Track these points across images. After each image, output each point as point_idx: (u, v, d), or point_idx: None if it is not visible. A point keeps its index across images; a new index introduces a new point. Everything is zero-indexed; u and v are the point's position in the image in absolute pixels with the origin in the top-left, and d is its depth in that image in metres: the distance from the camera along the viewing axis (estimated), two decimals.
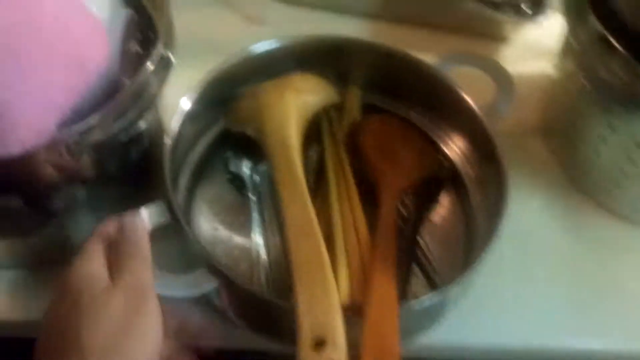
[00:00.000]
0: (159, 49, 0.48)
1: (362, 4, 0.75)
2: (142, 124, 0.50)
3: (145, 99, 0.47)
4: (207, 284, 0.46)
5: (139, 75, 0.46)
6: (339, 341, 0.41)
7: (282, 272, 0.53)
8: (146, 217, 0.46)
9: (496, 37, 0.75)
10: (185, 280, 0.46)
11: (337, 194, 0.54)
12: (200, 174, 0.59)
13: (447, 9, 0.74)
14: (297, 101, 0.55)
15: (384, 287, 0.47)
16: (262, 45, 0.58)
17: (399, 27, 0.76)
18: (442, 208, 0.60)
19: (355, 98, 0.63)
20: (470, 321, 0.53)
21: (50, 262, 0.49)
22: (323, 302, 0.43)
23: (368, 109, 0.63)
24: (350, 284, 0.47)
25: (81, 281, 0.38)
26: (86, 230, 0.44)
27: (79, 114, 0.43)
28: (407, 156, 0.59)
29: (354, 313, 0.45)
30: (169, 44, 0.50)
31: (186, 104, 0.53)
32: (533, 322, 0.55)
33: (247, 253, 0.55)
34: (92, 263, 0.40)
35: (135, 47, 0.51)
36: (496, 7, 0.73)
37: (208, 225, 0.57)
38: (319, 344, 0.41)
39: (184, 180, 0.57)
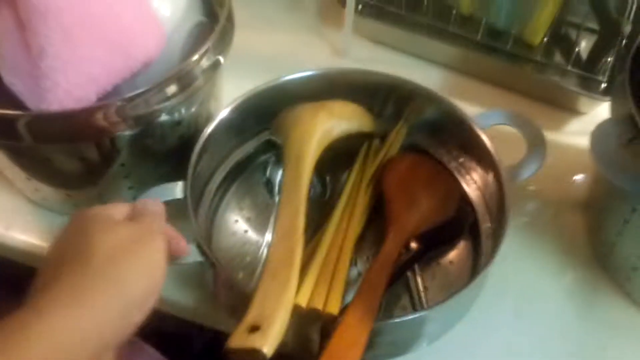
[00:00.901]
0: (209, 48, 0.55)
1: (443, 56, 0.79)
2: (184, 111, 0.57)
3: (186, 86, 0.53)
4: (191, 257, 0.52)
5: (184, 65, 0.53)
6: (270, 332, 0.44)
7: None
8: (166, 190, 0.54)
9: (567, 108, 0.75)
10: None
11: (341, 215, 0.58)
12: (240, 173, 0.65)
13: (524, 75, 0.75)
14: (327, 122, 0.59)
15: (359, 316, 0.48)
16: (317, 71, 0.64)
17: (474, 82, 0.78)
18: (456, 252, 0.62)
19: (399, 135, 0.66)
20: None
21: None
22: (276, 298, 0.47)
23: (410, 147, 0.66)
24: (313, 293, 0.50)
25: (99, 213, 0.43)
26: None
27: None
28: (429, 200, 0.61)
29: (304, 318, 0.48)
30: (220, 48, 0.57)
31: (224, 111, 0.60)
32: None
33: (256, 248, 0.61)
34: (113, 208, 0.44)
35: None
36: (573, 79, 0.73)
37: (231, 216, 0.63)
38: (254, 329, 0.45)
39: (220, 176, 0.63)
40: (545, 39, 0.75)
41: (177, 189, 0.55)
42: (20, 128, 0.47)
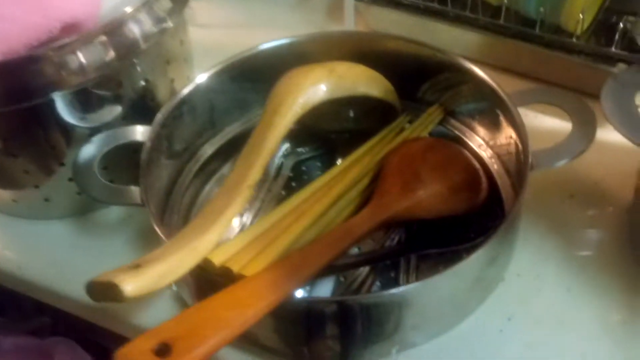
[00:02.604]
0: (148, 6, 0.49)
1: (462, 48, 0.64)
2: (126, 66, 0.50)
3: (121, 46, 0.47)
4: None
5: (116, 20, 0.47)
6: (144, 272, 0.35)
7: None
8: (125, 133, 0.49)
9: None
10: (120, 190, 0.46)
11: (323, 184, 0.48)
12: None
13: (559, 64, 0.61)
14: (323, 79, 0.49)
15: (272, 277, 0.38)
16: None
17: (501, 74, 0.64)
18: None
19: (433, 117, 0.56)
20: None
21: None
22: (178, 244, 0.39)
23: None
24: (238, 254, 0.41)
25: None
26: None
27: None
28: (435, 186, 0.49)
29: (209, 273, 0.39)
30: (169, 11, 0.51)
31: (202, 76, 0.53)
32: None
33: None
34: None
35: None
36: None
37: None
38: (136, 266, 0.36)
39: (209, 150, 0.56)
40: (585, 25, 0.59)
41: (136, 131, 0.49)
42: None
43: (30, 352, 0.62)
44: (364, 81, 0.52)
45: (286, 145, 0.58)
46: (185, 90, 0.51)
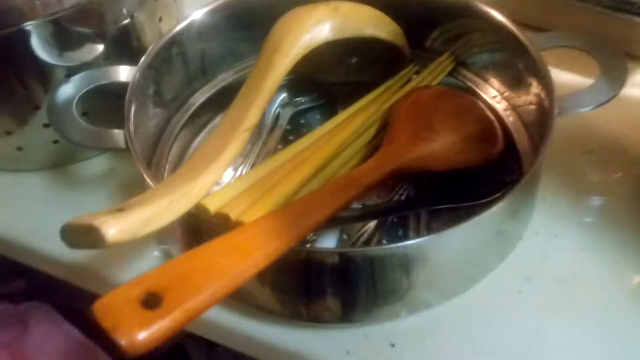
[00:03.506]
0: None
1: None
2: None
3: None
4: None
5: None
6: (126, 215, 0.31)
7: None
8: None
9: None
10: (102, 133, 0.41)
11: (326, 132, 0.44)
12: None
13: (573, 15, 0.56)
14: (327, 17, 0.45)
15: (273, 225, 0.33)
16: None
17: None
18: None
19: (443, 67, 0.52)
20: None
21: None
22: (167, 188, 0.34)
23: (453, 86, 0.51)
24: (234, 200, 0.36)
25: None
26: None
27: None
28: (449, 135, 0.45)
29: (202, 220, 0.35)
30: None
31: (195, 14, 0.48)
32: None
33: None
34: None
35: None
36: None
37: None
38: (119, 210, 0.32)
39: (201, 97, 0.52)
40: None
41: (119, 72, 0.44)
42: None
43: (1, 318, 0.57)
44: (371, 22, 0.48)
45: (283, 95, 0.53)
46: (176, 29, 0.47)
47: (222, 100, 0.51)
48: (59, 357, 0.57)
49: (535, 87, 0.45)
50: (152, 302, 0.27)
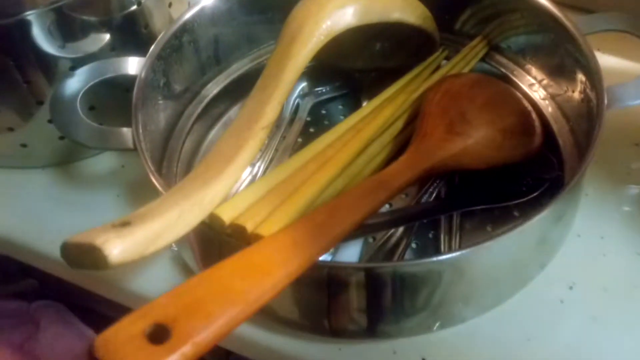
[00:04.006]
0: None
1: None
2: None
3: None
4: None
5: None
6: (133, 231, 0.28)
7: None
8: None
9: None
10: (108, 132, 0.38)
11: (349, 128, 0.41)
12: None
13: None
14: (350, 2, 0.42)
15: (296, 237, 0.30)
16: None
17: None
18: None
19: (476, 52, 0.48)
20: None
21: None
22: (179, 196, 0.31)
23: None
24: (249, 208, 0.33)
25: None
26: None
27: None
28: (485, 129, 0.41)
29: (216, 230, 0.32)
30: None
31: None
32: None
33: None
34: None
35: None
36: None
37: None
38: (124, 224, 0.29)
39: (215, 87, 0.48)
40: None
41: (127, 63, 0.41)
42: None
43: (13, 317, 0.55)
44: (398, 5, 0.44)
45: (303, 84, 0.50)
46: (187, 15, 0.43)
47: (238, 90, 0.48)
48: (72, 358, 0.55)
49: (578, 75, 0.41)
50: (159, 335, 0.24)
